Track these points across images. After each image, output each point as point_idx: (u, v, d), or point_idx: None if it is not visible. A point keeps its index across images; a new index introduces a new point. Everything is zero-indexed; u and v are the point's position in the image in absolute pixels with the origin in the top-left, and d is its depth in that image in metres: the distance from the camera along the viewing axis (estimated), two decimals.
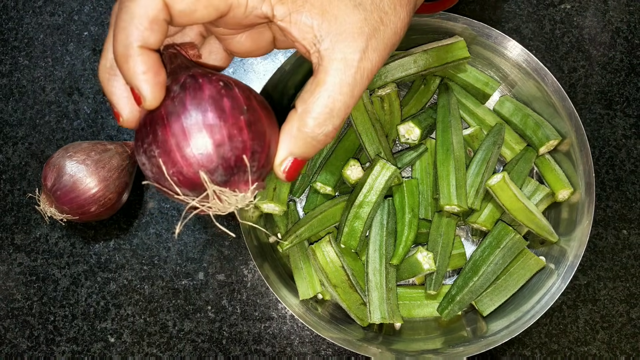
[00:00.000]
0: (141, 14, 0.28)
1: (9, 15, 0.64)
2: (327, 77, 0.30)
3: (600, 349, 0.58)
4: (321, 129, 0.30)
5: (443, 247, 0.55)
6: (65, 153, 0.53)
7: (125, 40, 0.28)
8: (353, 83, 0.30)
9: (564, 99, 0.53)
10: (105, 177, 0.53)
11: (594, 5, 0.63)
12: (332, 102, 0.30)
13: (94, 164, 0.53)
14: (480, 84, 0.58)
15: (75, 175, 0.52)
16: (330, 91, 0.30)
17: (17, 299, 0.59)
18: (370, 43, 0.30)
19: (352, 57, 0.30)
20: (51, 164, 0.53)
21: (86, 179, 0.52)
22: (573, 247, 0.52)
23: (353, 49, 0.30)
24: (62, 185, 0.52)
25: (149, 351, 0.58)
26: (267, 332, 0.58)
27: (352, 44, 0.30)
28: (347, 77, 0.30)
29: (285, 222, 0.57)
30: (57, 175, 0.52)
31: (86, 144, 0.55)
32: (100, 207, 0.53)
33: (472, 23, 0.54)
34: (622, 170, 0.60)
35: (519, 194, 0.53)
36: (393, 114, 0.57)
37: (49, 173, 0.53)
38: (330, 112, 0.30)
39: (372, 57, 0.30)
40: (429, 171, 0.57)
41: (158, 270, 0.59)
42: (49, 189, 0.52)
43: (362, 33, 0.30)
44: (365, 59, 0.30)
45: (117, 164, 0.54)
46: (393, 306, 0.54)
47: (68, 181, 0.52)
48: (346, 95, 0.30)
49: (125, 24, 0.28)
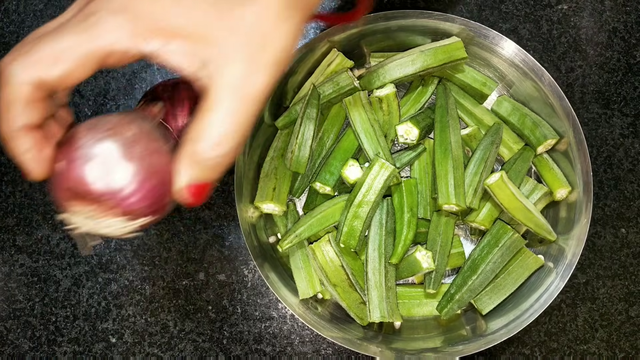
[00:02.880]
0: (15, 99, 0.29)
1: (10, 19, 0.64)
2: (213, 104, 0.29)
3: (599, 347, 0.58)
4: (215, 153, 0.30)
5: (442, 246, 0.55)
6: (105, 133, 0.33)
7: (6, 125, 0.30)
8: (241, 108, 0.30)
9: (561, 98, 0.53)
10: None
11: (591, 5, 0.63)
12: (221, 129, 0.29)
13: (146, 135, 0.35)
14: (478, 84, 0.58)
15: (140, 153, 0.33)
16: (217, 120, 0.29)
17: (19, 300, 0.59)
18: (252, 66, 0.29)
19: (236, 82, 0.29)
20: (97, 155, 0.32)
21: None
22: (571, 246, 0.52)
23: (237, 73, 0.29)
24: (132, 175, 0.33)
25: (150, 351, 0.58)
26: (267, 331, 0.59)
27: (234, 68, 0.29)
28: (233, 103, 0.29)
29: (284, 222, 0.57)
30: (120, 165, 0.33)
31: (112, 118, 0.35)
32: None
33: (469, 24, 0.54)
34: (620, 169, 0.60)
35: (517, 193, 0.53)
36: (391, 114, 0.58)
37: (101, 170, 0.32)
38: (219, 140, 0.30)
39: (257, 79, 0.30)
40: (427, 171, 0.58)
41: (159, 270, 0.60)
42: (107, 190, 0.32)
43: (244, 57, 0.29)
44: (250, 83, 0.30)
45: (159, 132, 0.37)
46: (392, 305, 0.54)
47: (140, 166, 0.33)
48: (235, 122, 0.30)
49: (4, 111, 0.30)
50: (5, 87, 0.29)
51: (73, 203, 0.32)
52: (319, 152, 0.58)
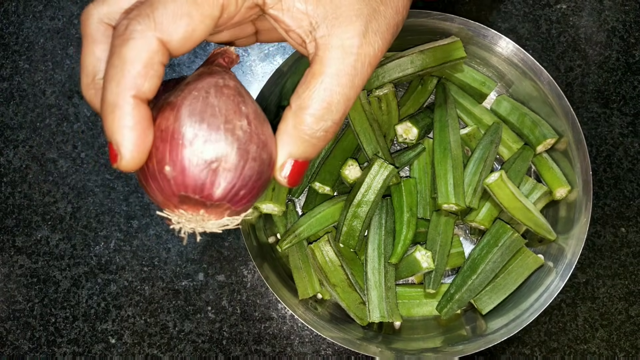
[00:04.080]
0: (134, 58, 0.25)
1: (10, 20, 0.65)
2: (323, 67, 0.27)
3: (599, 347, 0.58)
4: (319, 125, 0.28)
5: (441, 246, 0.55)
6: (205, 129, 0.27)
7: (116, 88, 0.25)
8: (353, 73, 0.27)
9: (560, 97, 0.53)
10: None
11: (590, 5, 0.63)
12: (329, 96, 0.27)
13: (234, 114, 0.28)
14: (477, 83, 0.58)
15: (255, 151, 0.28)
16: (328, 83, 0.27)
17: (19, 301, 0.59)
18: (370, 26, 0.27)
19: (351, 42, 0.27)
20: (215, 160, 0.27)
21: (252, 146, 0.28)
22: (571, 245, 0.52)
23: (351, 34, 0.27)
24: (247, 177, 0.28)
25: (149, 352, 0.58)
26: (267, 332, 0.58)
27: (350, 29, 0.27)
28: (346, 67, 0.27)
29: (284, 222, 0.57)
30: (237, 168, 0.27)
31: (215, 99, 0.28)
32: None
33: (468, 23, 0.54)
34: (620, 169, 0.60)
35: (516, 192, 0.53)
36: (391, 114, 0.58)
37: (217, 175, 0.27)
38: (328, 107, 0.27)
39: (374, 41, 0.28)
40: (426, 170, 0.57)
41: (158, 271, 0.59)
42: (225, 195, 0.28)
43: (361, 15, 0.27)
44: (366, 44, 0.27)
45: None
46: (392, 305, 0.54)
47: (253, 166, 0.28)
48: (345, 87, 0.27)
49: (116, 70, 0.25)
50: (128, 42, 0.25)
51: (183, 207, 0.27)
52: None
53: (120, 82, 0.25)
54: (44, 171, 0.61)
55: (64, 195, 0.61)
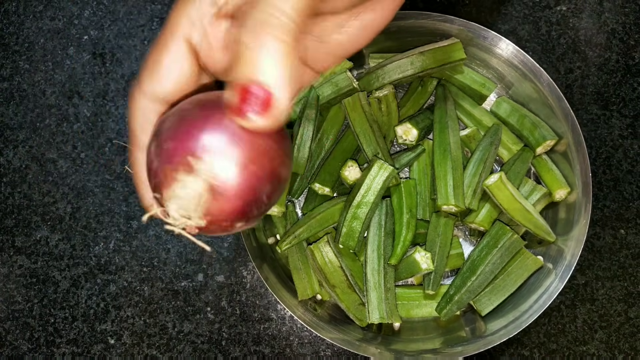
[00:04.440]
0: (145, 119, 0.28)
1: (10, 20, 0.65)
2: None
3: (598, 349, 0.58)
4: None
5: (441, 247, 0.55)
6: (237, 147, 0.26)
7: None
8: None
9: (560, 99, 0.53)
10: None
11: (590, 7, 0.63)
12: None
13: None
14: (477, 85, 0.58)
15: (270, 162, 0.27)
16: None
17: (18, 301, 0.59)
18: None
19: None
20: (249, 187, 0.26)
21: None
22: (570, 247, 0.52)
23: None
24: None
25: (148, 352, 0.58)
26: (266, 333, 0.58)
27: None
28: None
29: (283, 223, 0.57)
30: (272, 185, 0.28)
31: (219, 133, 0.26)
32: None
33: (468, 25, 0.54)
34: (619, 170, 0.60)
35: (516, 194, 0.53)
36: (390, 115, 0.58)
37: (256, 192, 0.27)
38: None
39: None
40: (426, 172, 0.57)
41: (157, 272, 0.59)
42: (260, 208, 0.28)
43: None
44: None
45: None
46: (392, 306, 0.54)
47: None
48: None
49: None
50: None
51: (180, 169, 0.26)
52: (318, 153, 0.58)
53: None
54: (44, 171, 0.61)
55: (64, 195, 0.61)
